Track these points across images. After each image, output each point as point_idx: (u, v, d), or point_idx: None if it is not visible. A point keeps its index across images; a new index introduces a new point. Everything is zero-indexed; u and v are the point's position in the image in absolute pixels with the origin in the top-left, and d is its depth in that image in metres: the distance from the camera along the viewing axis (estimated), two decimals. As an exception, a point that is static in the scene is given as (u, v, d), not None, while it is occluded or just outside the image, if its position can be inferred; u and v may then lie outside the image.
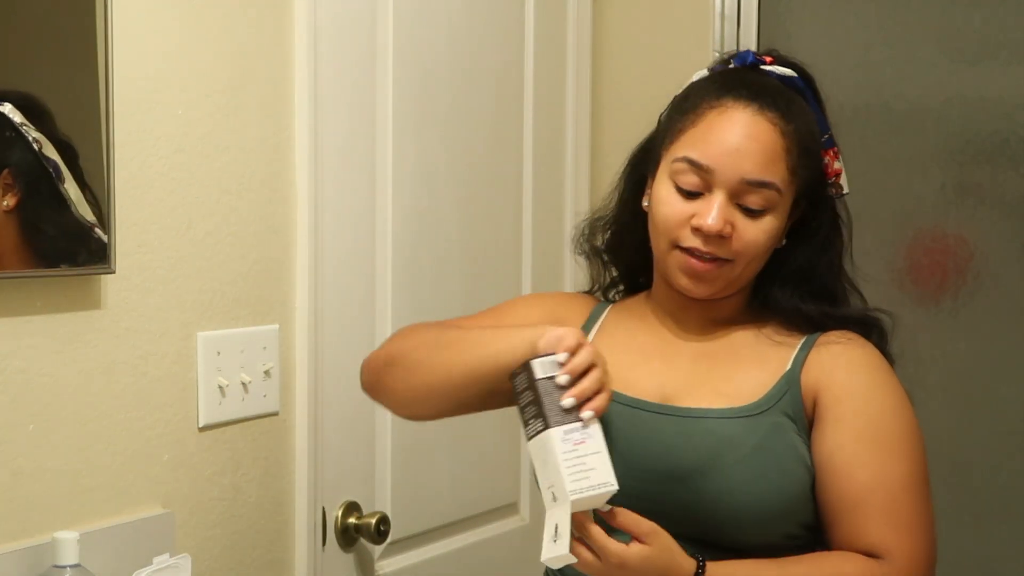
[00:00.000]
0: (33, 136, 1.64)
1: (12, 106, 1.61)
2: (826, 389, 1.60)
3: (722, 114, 1.61)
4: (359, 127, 2.15)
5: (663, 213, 1.62)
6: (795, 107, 1.64)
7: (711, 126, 1.60)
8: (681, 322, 1.70)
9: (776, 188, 1.59)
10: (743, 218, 1.59)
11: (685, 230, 1.60)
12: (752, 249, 1.61)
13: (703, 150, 1.59)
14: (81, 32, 1.69)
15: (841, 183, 1.71)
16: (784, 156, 1.60)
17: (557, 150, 2.66)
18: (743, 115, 1.60)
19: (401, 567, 2.27)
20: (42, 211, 1.66)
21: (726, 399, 1.61)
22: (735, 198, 1.59)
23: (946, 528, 1.69)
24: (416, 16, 2.25)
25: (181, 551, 1.79)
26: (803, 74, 1.70)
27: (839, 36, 2.66)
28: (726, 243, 1.59)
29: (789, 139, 1.61)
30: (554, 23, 2.66)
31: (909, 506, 1.58)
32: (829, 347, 1.63)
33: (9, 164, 1.62)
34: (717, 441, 1.57)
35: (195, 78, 1.86)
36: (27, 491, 1.66)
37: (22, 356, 1.64)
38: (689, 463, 1.57)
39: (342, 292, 2.11)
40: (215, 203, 1.90)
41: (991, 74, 2.54)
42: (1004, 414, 2.56)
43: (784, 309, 1.67)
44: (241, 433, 1.96)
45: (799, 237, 1.67)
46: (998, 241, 2.55)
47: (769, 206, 1.60)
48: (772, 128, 1.60)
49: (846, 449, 1.58)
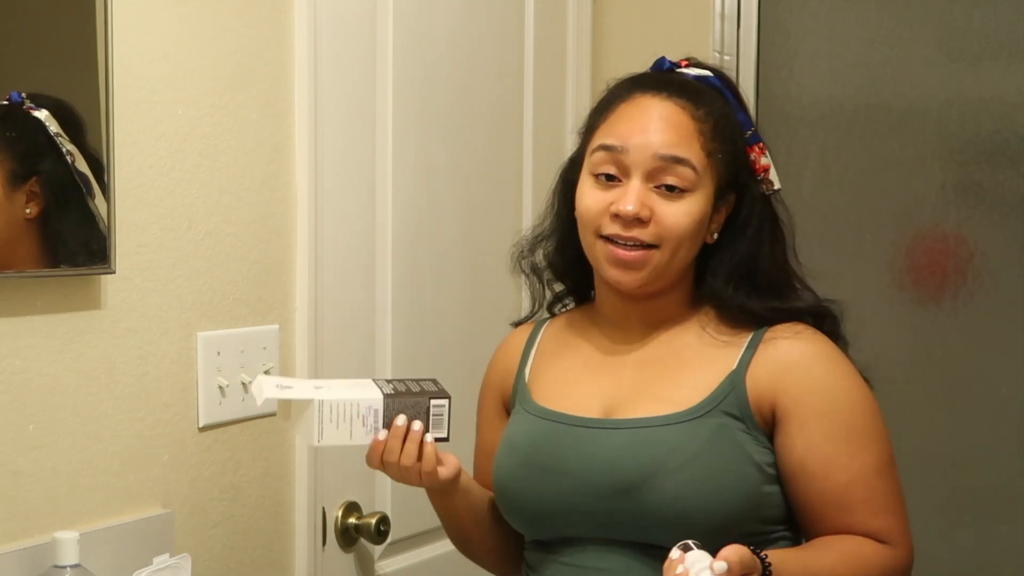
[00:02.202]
0: (68, 148, 1.64)
1: (48, 113, 1.62)
2: (783, 392, 1.59)
3: (631, 102, 1.65)
4: (359, 127, 2.15)
5: (584, 205, 1.64)
6: (706, 97, 1.66)
7: (622, 114, 1.64)
8: (624, 329, 1.70)
9: (691, 166, 1.60)
10: (662, 201, 1.60)
11: (605, 218, 1.61)
12: (675, 232, 1.60)
13: (615, 134, 1.63)
14: (81, 32, 1.69)
15: (771, 179, 1.71)
16: (696, 136, 1.61)
17: (557, 150, 2.66)
18: (652, 101, 1.64)
19: (401, 567, 2.27)
20: (67, 225, 1.67)
21: (669, 405, 1.60)
22: (652, 180, 1.60)
23: (946, 528, 1.69)
24: (416, 16, 2.25)
25: (181, 551, 1.79)
26: (719, 75, 1.72)
27: (839, 36, 2.66)
28: (647, 227, 1.59)
29: (700, 122, 1.62)
30: (554, 23, 2.66)
31: (885, 489, 1.60)
32: (776, 343, 1.62)
33: (38, 172, 1.63)
34: (658, 449, 1.57)
35: (195, 78, 1.86)
36: (27, 491, 1.66)
37: (22, 356, 1.64)
38: (632, 475, 1.56)
39: (342, 292, 2.11)
40: (215, 203, 1.90)
41: (991, 74, 2.54)
42: (1004, 414, 2.56)
43: (729, 306, 1.66)
44: (241, 433, 1.96)
45: (733, 232, 1.67)
46: (998, 241, 2.55)
47: (687, 186, 1.60)
48: (681, 111, 1.62)
49: (817, 451, 1.58)
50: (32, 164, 1.63)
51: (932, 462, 1.66)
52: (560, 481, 1.61)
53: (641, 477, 1.56)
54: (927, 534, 1.68)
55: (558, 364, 1.73)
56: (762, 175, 1.70)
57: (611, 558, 1.59)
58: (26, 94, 1.61)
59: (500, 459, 1.69)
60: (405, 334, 2.24)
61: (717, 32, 2.69)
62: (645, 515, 1.56)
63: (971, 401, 2.58)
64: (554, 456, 1.62)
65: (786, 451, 1.59)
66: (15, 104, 1.59)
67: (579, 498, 1.58)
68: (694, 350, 1.65)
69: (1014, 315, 2.54)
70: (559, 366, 1.73)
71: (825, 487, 1.58)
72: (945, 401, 2.58)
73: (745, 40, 2.68)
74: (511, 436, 1.70)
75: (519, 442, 1.68)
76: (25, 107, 1.60)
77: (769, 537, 1.60)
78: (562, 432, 1.63)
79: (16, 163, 1.61)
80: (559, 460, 1.61)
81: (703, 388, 1.60)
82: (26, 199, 1.62)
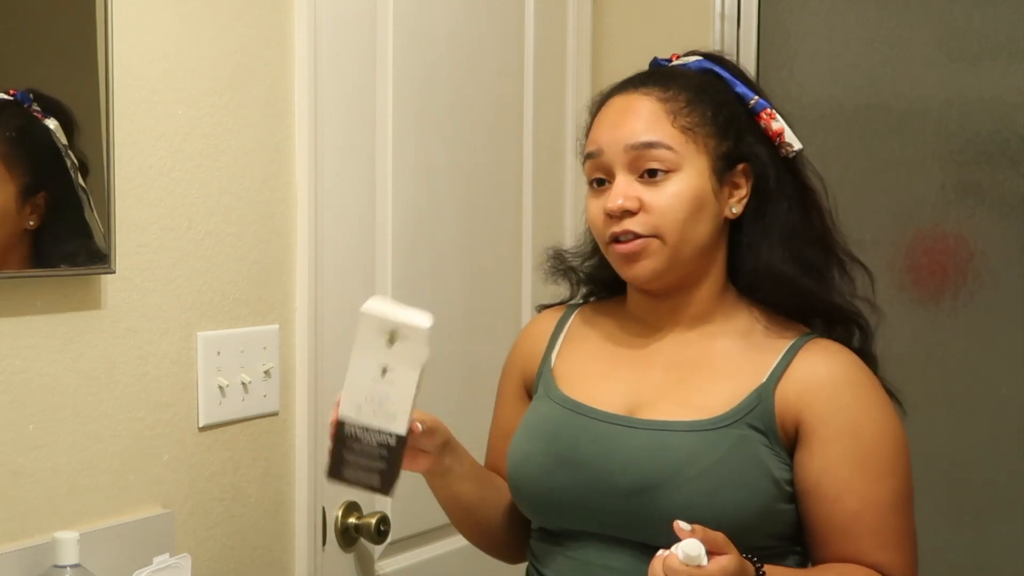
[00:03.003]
0: (72, 161, 1.65)
1: (58, 123, 1.62)
2: (808, 410, 1.57)
3: (605, 107, 1.68)
4: (359, 127, 2.15)
5: (589, 217, 1.67)
6: (678, 78, 1.66)
7: (598, 121, 1.67)
8: (655, 327, 1.68)
9: (665, 146, 1.60)
10: (647, 189, 1.60)
11: (606, 222, 1.62)
12: (669, 216, 1.59)
13: (592, 140, 1.66)
14: (81, 32, 1.69)
15: (788, 141, 1.68)
16: (665, 116, 1.62)
17: (557, 150, 2.66)
18: (619, 98, 1.66)
19: (401, 567, 2.27)
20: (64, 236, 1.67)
21: (694, 411, 1.59)
22: (634, 171, 1.61)
23: (946, 528, 1.69)
24: (416, 16, 2.25)
25: (181, 551, 1.79)
26: (708, 55, 1.73)
27: (839, 36, 2.66)
28: (640, 218, 1.60)
29: (668, 102, 1.62)
30: (554, 23, 2.66)
31: (896, 525, 1.58)
32: (809, 360, 1.60)
33: (46, 188, 1.64)
34: (676, 455, 1.56)
35: (195, 78, 1.86)
36: (27, 491, 1.66)
37: (22, 356, 1.64)
38: (648, 477, 1.56)
39: (342, 292, 2.11)
40: (215, 203, 1.90)
41: (991, 74, 2.54)
42: (1004, 414, 2.56)
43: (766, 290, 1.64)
44: (241, 433, 1.96)
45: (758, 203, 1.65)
46: (998, 241, 2.55)
47: (668, 167, 1.60)
48: (647, 98, 1.63)
49: (832, 475, 1.56)
50: (43, 179, 1.64)
51: (932, 462, 1.66)
52: (575, 473, 1.60)
53: (657, 480, 1.55)
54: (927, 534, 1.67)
55: (585, 354, 1.72)
56: (777, 140, 1.67)
57: (618, 557, 1.59)
58: (32, 95, 1.61)
59: (518, 443, 1.68)
60: (405, 334, 2.24)
61: (717, 32, 2.69)
62: (655, 518, 1.54)
63: (971, 401, 2.58)
64: (572, 447, 1.61)
65: (803, 469, 1.57)
66: (25, 109, 1.60)
67: (592, 493, 1.57)
68: (726, 356, 1.64)
69: (1014, 315, 2.54)
70: (586, 356, 1.71)
71: (835, 511, 1.56)
72: (945, 401, 2.57)
73: (745, 40, 2.68)
74: (531, 422, 1.69)
75: (539, 429, 1.66)
76: (33, 110, 1.61)
77: (778, 551, 1.59)
78: (584, 425, 1.62)
79: (30, 178, 1.63)
80: (576, 452, 1.60)
81: (730, 398, 1.59)
82: (30, 210, 1.62)
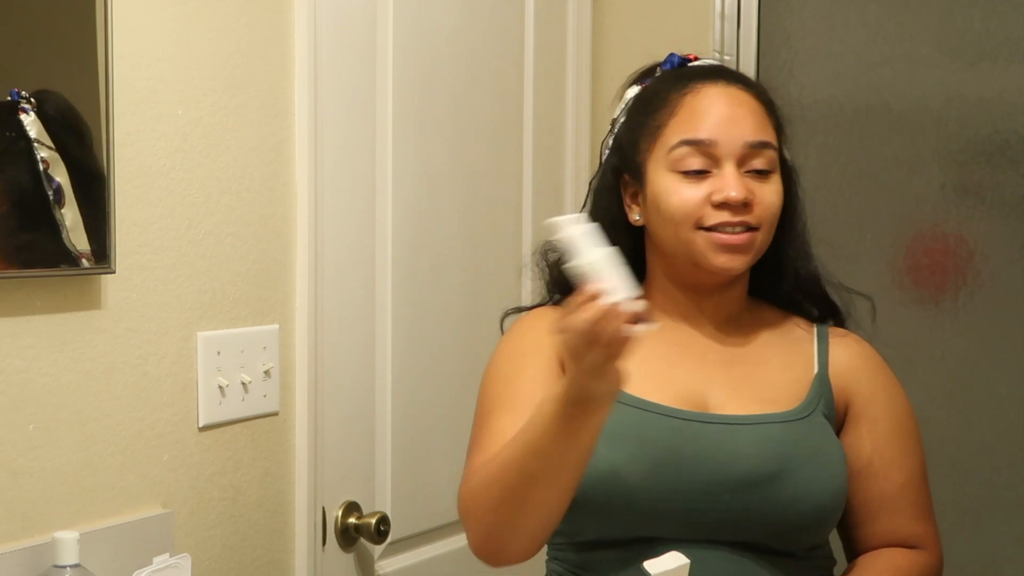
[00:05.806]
0: (43, 155, 1.62)
1: (35, 117, 1.61)
2: (856, 392, 1.64)
3: (698, 94, 1.62)
4: (359, 127, 2.15)
5: (676, 202, 1.59)
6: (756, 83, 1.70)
7: (695, 107, 1.61)
8: (696, 325, 1.67)
9: (774, 147, 1.62)
10: (756, 183, 1.60)
11: (707, 209, 1.58)
12: (772, 211, 1.62)
13: (699, 127, 1.60)
14: (81, 31, 1.69)
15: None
16: (767, 117, 1.64)
17: (557, 150, 2.66)
18: (718, 88, 1.63)
19: (401, 567, 2.27)
20: (27, 231, 1.63)
21: (770, 404, 1.60)
22: (742, 165, 1.60)
23: (946, 528, 1.70)
24: (416, 16, 2.25)
25: (181, 551, 1.79)
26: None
27: (839, 36, 2.66)
28: (751, 211, 1.59)
29: (765, 105, 1.64)
30: (554, 23, 2.66)
31: (927, 494, 1.66)
32: (845, 343, 1.68)
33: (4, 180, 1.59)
34: (783, 447, 1.56)
35: (195, 78, 1.86)
36: (27, 491, 1.65)
37: (22, 356, 1.64)
38: (763, 470, 1.54)
39: (342, 292, 2.11)
40: (215, 203, 1.90)
41: (991, 74, 2.54)
42: (1004, 414, 2.56)
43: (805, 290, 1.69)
44: (241, 433, 1.96)
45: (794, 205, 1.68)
46: (998, 241, 2.55)
47: (773, 167, 1.62)
48: (747, 94, 1.63)
49: (883, 450, 1.62)
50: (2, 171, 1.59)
51: (932, 462, 1.66)
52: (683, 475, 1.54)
53: (771, 472, 1.54)
54: (926, 534, 1.69)
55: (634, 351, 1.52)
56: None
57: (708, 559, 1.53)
58: (27, 93, 1.60)
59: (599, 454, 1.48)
60: (405, 334, 2.24)
61: (717, 32, 2.69)
62: (764, 512, 1.53)
63: (971, 401, 2.58)
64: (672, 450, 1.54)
65: (855, 450, 1.62)
66: (9, 103, 1.58)
67: (702, 494, 1.53)
68: (770, 348, 1.66)
69: (1014, 315, 2.54)
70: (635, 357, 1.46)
71: (884, 486, 1.62)
72: (945, 401, 2.57)
73: (745, 40, 2.68)
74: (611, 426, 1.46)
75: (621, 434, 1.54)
76: (19, 106, 1.59)
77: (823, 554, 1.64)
78: (676, 427, 1.56)
79: None
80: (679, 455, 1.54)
81: (796, 388, 1.62)
82: None
